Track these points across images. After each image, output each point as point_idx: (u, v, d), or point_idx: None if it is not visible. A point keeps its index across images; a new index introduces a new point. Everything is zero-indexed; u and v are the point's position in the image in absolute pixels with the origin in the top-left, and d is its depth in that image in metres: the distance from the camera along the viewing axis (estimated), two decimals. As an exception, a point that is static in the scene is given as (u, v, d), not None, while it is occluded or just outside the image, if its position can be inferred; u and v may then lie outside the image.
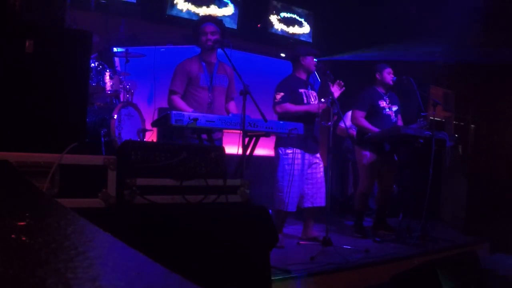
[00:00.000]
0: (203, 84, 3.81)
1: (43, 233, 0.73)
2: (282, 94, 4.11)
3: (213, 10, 5.78)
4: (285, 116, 4.03)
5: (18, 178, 1.40)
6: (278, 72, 5.00)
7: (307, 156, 4.18)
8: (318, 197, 4.26)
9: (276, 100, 4.12)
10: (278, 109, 4.11)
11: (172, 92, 3.76)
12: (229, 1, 5.96)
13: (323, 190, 4.28)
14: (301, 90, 4.21)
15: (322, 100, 4.11)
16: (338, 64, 6.51)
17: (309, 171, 4.23)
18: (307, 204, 4.26)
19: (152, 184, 2.16)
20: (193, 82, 3.79)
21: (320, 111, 4.11)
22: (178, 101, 3.71)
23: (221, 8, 5.89)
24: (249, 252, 2.34)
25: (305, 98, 4.19)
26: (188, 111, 3.43)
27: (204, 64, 3.85)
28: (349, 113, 5.17)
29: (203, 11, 5.72)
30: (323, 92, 4.34)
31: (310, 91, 4.28)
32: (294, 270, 3.10)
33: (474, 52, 6.14)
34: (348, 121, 5.31)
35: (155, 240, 1.95)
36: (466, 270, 3.48)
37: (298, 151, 4.08)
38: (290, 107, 4.07)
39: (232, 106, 4.04)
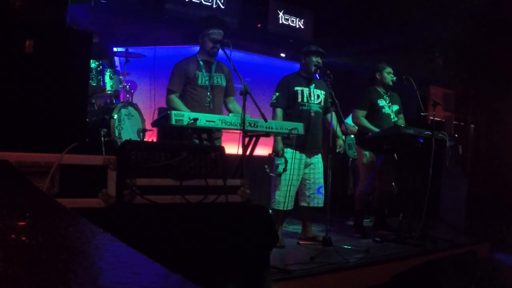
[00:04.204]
0: (202, 83, 3.81)
1: (43, 233, 0.73)
2: (277, 94, 4.20)
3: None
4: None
5: (18, 178, 1.40)
6: (278, 72, 5.01)
7: (304, 156, 4.19)
8: (315, 198, 4.26)
9: (271, 100, 4.23)
10: (271, 108, 4.22)
11: (169, 92, 3.77)
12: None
13: (322, 191, 4.29)
14: (298, 89, 4.22)
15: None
16: (338, 64, 6.51)
17: (306, 171, 4.23)
18: (303, 204, 4.28)
19: (152, 184, 2.16)
20: (191, 81, 3.80)
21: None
22: (175, 100, 3.72)
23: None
24: (249, 252, 2.34)
25: (300, 96, 4.20)
26: (185, 110, 3.45)
27: (202, 63, 3.86)
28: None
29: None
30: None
31: (313, 89, 4.29)
32: (294, 270, 3.10)
33: (474, 52, 6.15)
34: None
35: (155, 240, 1.95)
36: (466, 270, 3.48)
37: (295, 151, 4.08)
38: (277, 116, 4.13)
39: (232, 105, 4.04)
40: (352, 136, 5.08)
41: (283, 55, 6.79)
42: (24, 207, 0.93)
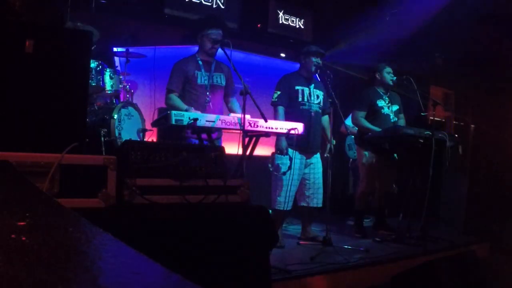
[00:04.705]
0: (201, 82, 3.82)
1: (43, 233, 0.73)
2: (278, 93, 4.20)
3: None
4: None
5: (18, 178, 1.40)
6: (278, 72, 5.01)
7: (304, 156, 4.19)
8: (314, 198, 4.26)
9: (272, 99, 4.23)
10: (272, 107, 4.21)
11: (168, 91, 3.78)
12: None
13: (321, 191, 4.29)
14: (299, 88, 4.22)
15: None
16: (338, 64, 6.51)
17: (306, 171, 4.23)
18: (303, 204, 4.28)
19: (152, 184, 2.16)
20: (190, 81, 3.80)
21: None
22: (174, 98, 3.73)
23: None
24: (249, 252, 2.34)
25: (300, 96, 4.21)
26: (184, 108, 3.47)
27: (201, 63, 3.86)
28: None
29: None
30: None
31: (313, 89, 4.29)
32: (294, 270, 3.10)
33: (474, 51, 6.14)
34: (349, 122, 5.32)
35: (155, 240, 1.95)
36: (466, 270, 3.48)
37: (295, 151, 4.08)
38: (279, 114, 4.12)
39: (234, 105, 4.03)
40: (352, 136, 5.08)
41: (283, 55, 6.79)
42: (24, 207, 0.93)
